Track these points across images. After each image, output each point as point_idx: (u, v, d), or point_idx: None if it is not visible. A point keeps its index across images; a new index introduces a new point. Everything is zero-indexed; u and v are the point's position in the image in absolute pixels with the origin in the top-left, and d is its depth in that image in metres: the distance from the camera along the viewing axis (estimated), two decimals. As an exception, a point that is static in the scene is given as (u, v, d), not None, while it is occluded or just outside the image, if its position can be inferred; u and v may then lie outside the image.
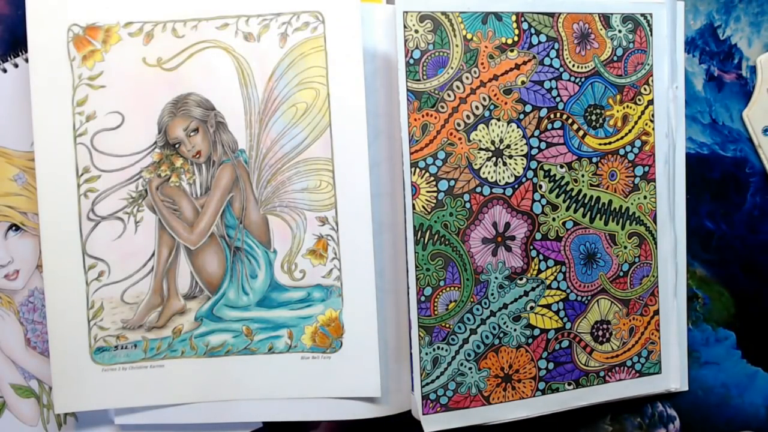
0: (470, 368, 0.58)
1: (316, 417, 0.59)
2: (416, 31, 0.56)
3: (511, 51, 0.57)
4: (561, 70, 0.59)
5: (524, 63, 0.58)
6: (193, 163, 0.57)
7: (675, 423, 0.65)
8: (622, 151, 0.61)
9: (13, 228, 0.59)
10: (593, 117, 0.60)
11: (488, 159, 0.58)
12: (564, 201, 0.60)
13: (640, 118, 0.61)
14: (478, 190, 0.57)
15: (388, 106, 0.58)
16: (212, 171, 0.57)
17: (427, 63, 0.56)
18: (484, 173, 0.58)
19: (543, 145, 0.59)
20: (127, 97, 0.56)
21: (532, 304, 0.59)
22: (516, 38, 0.57)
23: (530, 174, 0.59)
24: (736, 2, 0.63)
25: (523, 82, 0.58)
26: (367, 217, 0.57)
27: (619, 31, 0.60)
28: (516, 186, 0.58)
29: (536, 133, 0.58)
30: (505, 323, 0.59)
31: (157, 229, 0.57)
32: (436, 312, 0.57)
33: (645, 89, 0.61)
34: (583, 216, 0.60)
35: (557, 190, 0.59)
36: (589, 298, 0.61)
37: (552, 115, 0.59)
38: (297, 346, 0.58)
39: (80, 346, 0.57)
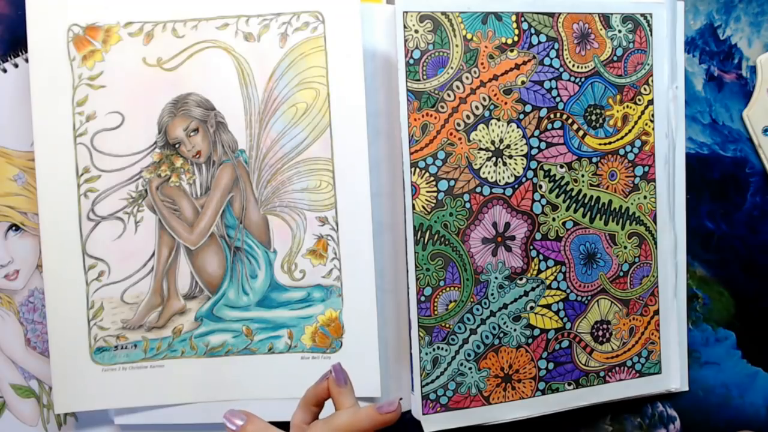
0: (470, 368, 0.58)
1: (316, 417, 0.59)
2: (416, 31, 0.56)
3: (511, 51, 0.57)
4: (561, 70, 0.59)
5: (524, 63, 0.58)
6: (193, 163, 0.57)
7: (675, 423, 0.65)
8: (622, 151, 0.61)
9: (13, 228, 0.59)
10: (593, 117, 0.60)
11: (488, 159, 0.58)
12: (564, 201, 0.60)
13: (640, 118, 0.61)
14: (478, 190, 0.57)
15: (388, 106, 0.58)
16: (212, 171, 0.57)
17: (427, 63, 0.56)
18: (484, 173, 0.58)
19: (543, 145, 0.59)
20: (127, 97, 0.56)
21: (532, 304, 0.59)
22: (516, 38, 0.57)
23: (530, 174, 0.59)
24: (736, 2, 0.63)
25: (523, 82, 0.58)
26: (367, 217, 0.57)
27: (619, 31, 0.60)
28: (516, 186, 0.58)
29: (536, 133, 0.58)
30: (505, 323, 0.59)
31: (157, 229, 0.57)
32: (436, 312, 0.57)
33: (645, 89, 0.61)
34: (583, 216, 0.60)
35: (557, 190, 0.59)
36: (589, 298, 0.61)
37: (552, 115, 0.59)
38: (297, 346, 0.58)
39: (80, 346, 0.57)
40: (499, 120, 0.58)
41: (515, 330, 0.59)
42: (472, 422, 0.59)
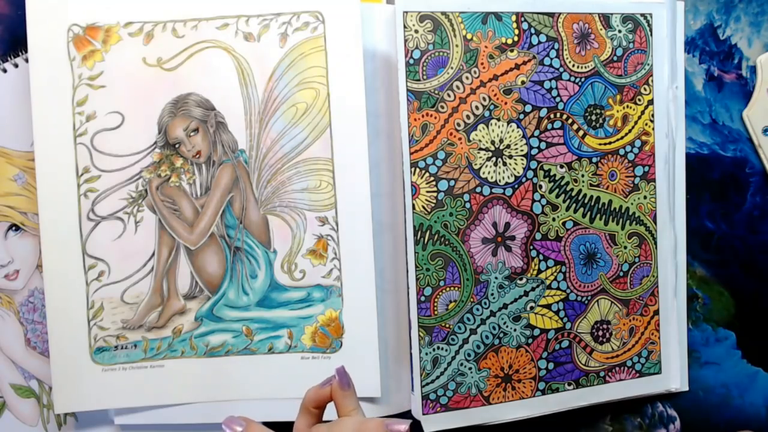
0: (470, 368, 0.58)
1: (316, 417, 0.59)
2: (416, 31, 0.56)
3: (511, 51, 0.57)
4: (561, 70, 0.59)
5: (524, 63, 0.58)
6: (193, 163, 0.57)
7: (675, 423, 0.65)
8: (622, 151, 0.61)
9: (13, 228, 0.59)
10: (593, 117, 0.60)
11: (488, 159, 0.58)
12: (564, 201, 0.60)
13: (640, 118, 0.61)
14: (478, 190, 0.57)
15: (388, 106, 0.58)
16: (212, 171, 0.57)
17: (427, 63, 0.56)
18: (484, 173, 0.58)
19: (543, 145, 0.59)
20: (127, 97, 0.56)
21: (532, 304, 0.59)
22: (516, 38, 0.57)
23: (530, 174, 0.59)
24: (736, 2, 0.63)
25: (523, 82, 0.58)
26: (367, 217, 0.57)
27: (619, 31, 0.60)
28: (516, 186, 0.58)
29: (536, 133, 0.58)
30: (505, 323, 0.59)
31: (157, 229, 0.57)
32: (436, 312, 0.57)
33: (645, 89, 0.61)
34: (583, 216, 0.60)
35: (557, 190, 0.59)
36: (589, 298, 0.61)
37: (552, 115, 0.59)
38: (297, 346, 0.58)
39: (80, 346, 0.57)
40: (499, 120, 0.58)
41: (515, 330, 0.59)
42: (472, 422, 0.59)
